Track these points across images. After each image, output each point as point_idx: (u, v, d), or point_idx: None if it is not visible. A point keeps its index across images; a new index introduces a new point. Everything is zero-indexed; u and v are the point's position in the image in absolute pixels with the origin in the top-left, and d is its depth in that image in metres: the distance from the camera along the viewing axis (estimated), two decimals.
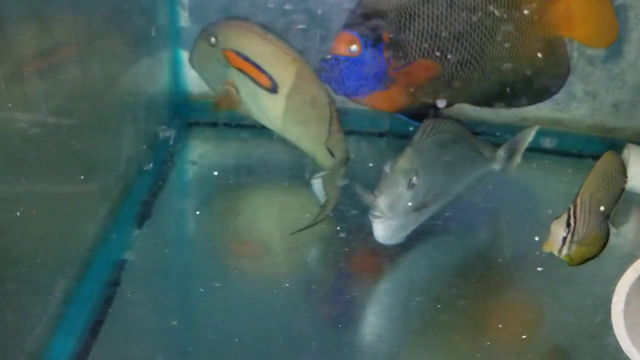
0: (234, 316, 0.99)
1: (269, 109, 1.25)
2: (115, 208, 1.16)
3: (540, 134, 1.43)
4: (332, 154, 1.19)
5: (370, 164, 1.32)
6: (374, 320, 1.02)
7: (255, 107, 1.27)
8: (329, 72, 1.17)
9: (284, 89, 1.21)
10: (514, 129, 1.31)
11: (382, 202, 1.00)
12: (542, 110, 1.50)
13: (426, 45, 1.20)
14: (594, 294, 1.03)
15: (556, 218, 0.94)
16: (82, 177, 1.02)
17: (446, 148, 1.11)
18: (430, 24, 1.19)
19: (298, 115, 1.23)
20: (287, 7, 1.34)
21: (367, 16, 1.17)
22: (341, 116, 1.19)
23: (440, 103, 1.24)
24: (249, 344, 0.94)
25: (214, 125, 1.50)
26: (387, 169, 1.02)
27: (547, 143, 1.39)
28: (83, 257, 1.03)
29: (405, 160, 1.02)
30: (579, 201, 0.93)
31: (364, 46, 1.15)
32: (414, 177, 1.02)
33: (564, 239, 0.92)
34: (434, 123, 1.09)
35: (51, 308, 0.92)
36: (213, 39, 1.25)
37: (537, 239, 1.04)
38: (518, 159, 1.23)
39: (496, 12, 1.20)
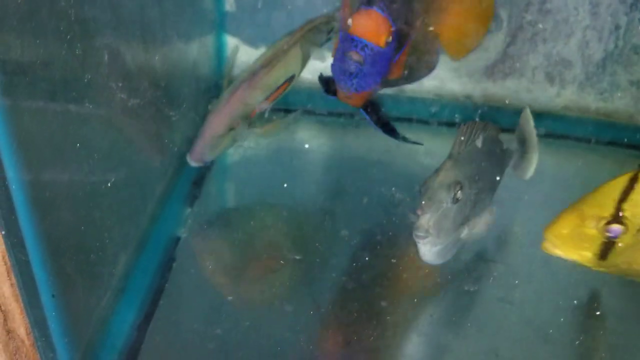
0: (289, 292, 1.02)
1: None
2: (169, 187, 1.20)
3: (583, 123, 1.45)
4: None
5: None
6: None
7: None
8: (363, 63, 0.93)
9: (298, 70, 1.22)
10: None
11: (426, 221, 0.89)
12: (586, 99, 1.50)
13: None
14: None
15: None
16: (142, 156, 1.06)
17: (482, 154, 1.03)
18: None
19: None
20: None
21: None
22: None
23: None
24: (310, 320, 0.98)
25: None
26: (427, 184, 0.92)
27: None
28: (142, 233, 1.08)
29: (447, 174, 0.93)
30: None
31: (392, 35, 0.94)
32: (459, 191, 0.91)
33: None
34: (470, 128, 1.01)
35: (115, 280, 0.96)
36: (237, 125, 1.15)
37: None
38: (534, 158, 1.12)
39: None
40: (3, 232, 0.71)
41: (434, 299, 1.03)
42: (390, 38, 0.94)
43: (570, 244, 0.78)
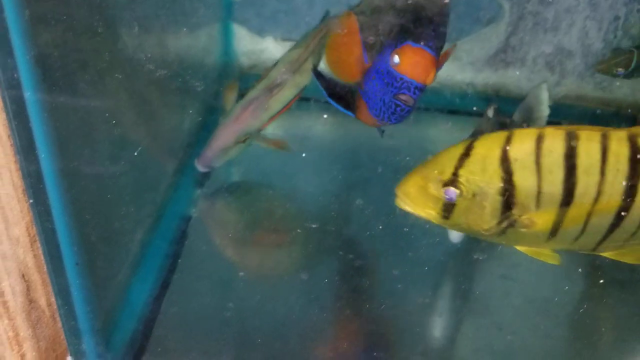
0: (302, 262, 1.06)
1: None
2: (180, 168, 1.23)
3: (584, 112, 1.49)
4: None
5: None
6: None
7: None
8: (413, 104, 0.91)
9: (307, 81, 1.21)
10: None
11: None
12: (585, 88, 1.54)
13: None
14: None
15: None
16: (155, 137, 1.09)
17: None
18: None
19: None
20: None
21: (439, 23, 0.90)
22: None
23: None
24: (323, 289, 1.01)
25: None
26: None
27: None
28: (156, 211, 1.11)
29: None
30: None
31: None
32: None
33: None
34: (494, 110, 1.06)
35: (132, 254, 0.99)
36: (247, 139, 1.18)
37: None
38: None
39: None
40: (31, 201, 0.74)
41: (441, 275, 1.07)
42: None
43: (418, 202, 0.81)
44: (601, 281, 1.03)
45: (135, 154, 0.94)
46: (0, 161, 0.74)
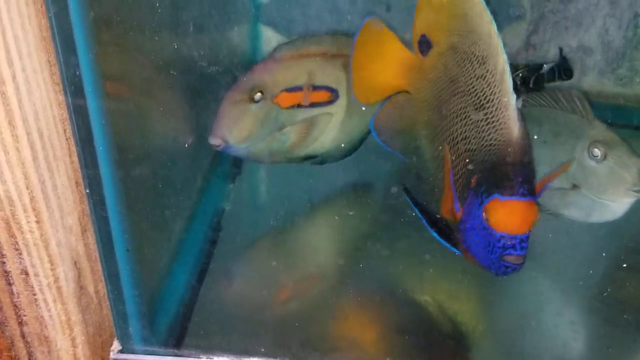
0: (333, 253, 1.10)
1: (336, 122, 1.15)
2: (213, 164, 1.28)
3: (602, 107, 1.51)
4: None
5: None
6: None
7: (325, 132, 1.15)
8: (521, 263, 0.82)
9: (342, 90, 1.12)
10: None
11: None
12: (605, 84, 1.56)
13: None
14: None
15: None
16: (192, 134, 1.14)
17: None
18: None
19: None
20: None
21: (526, 163, 0.83)
22: None
23: None
24: (356, 274, 1.05)
25: None
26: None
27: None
28: (193, 204, 1.16)
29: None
30: None
31: None
32: None
33: None
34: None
35: (172, 244, 1.05)
36: (258, 94, 1.04)
37: None
38: None
39: None
40: (87, 191, 0.79)
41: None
42: None
43: None
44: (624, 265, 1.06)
45: (179, 148, 0.99)
46: (57, 153, 0.79)
